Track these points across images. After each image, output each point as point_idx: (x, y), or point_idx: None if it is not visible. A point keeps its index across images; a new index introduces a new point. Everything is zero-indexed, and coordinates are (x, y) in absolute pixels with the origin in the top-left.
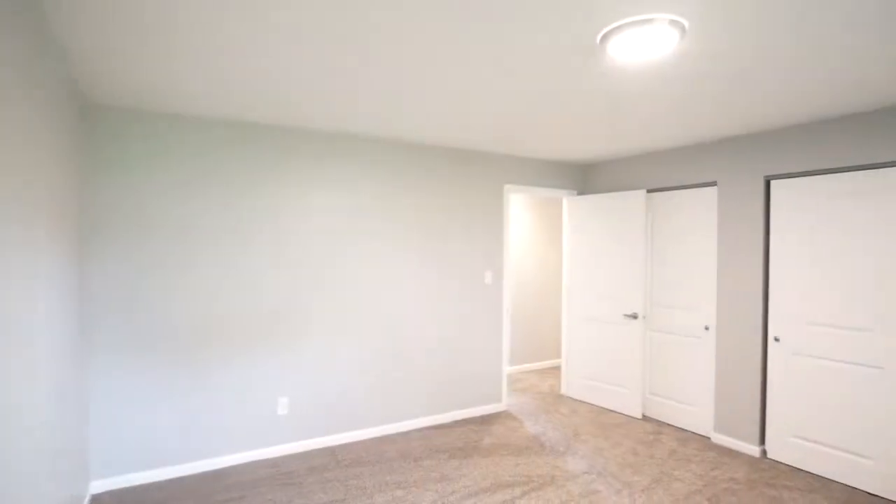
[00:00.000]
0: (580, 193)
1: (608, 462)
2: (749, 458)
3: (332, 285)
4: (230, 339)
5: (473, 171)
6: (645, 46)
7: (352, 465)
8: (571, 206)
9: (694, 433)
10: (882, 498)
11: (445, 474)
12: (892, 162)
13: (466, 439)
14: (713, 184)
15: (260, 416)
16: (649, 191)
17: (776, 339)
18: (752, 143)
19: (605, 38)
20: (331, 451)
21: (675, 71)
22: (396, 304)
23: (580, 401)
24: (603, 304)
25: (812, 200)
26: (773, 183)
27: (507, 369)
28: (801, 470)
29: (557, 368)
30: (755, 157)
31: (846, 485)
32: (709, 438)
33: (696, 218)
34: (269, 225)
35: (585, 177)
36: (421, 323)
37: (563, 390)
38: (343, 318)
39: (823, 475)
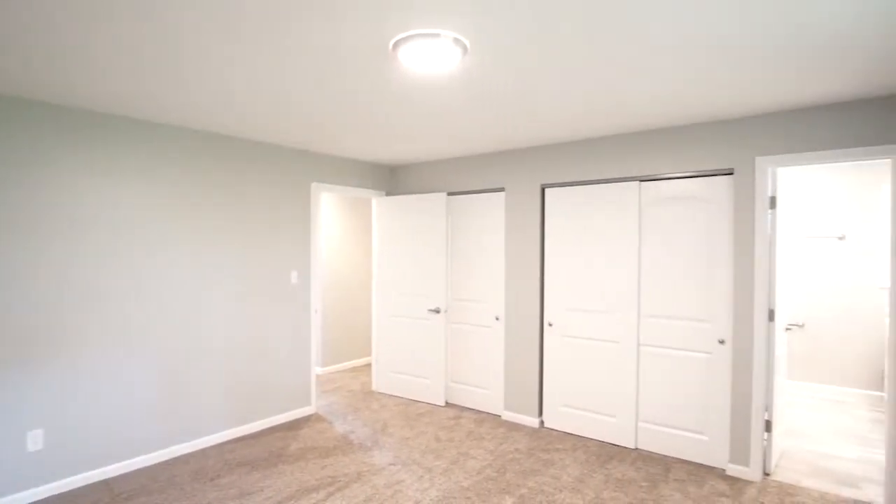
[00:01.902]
0: (388, 194)
1: (413, 451)
2: (531, 430)
3: (111, 289)
4: None
5: (280, 166)
6: (432, 59)
7: (132, 496)
8: (380, 206)
9: (489, 413)
10: (623, 447)
11: (245, 489)
12: (624, 178)
13: (272, 448)
14: (502, 189)
15: (1, 457)
16: (450, 193)
17: (550, 325)
18: (532, 156)
19: (396, 45)
20: (106, 485)
21: (462, 85)
22: (189, 308)
23: (390, 395)
24: (409, 301)
25: (572, 207)
26: (547, 191)
27: (319, 370)
28: (569, 433)
29: (370, 366)
30: (534, 168)
31: (600, 440)
32: (500, 416)
33: (488, 220)
34: (22, 220)
35: (394, 178)
36: (218, 328)
37: (375, 386)
38: (123, 328)
39: (584, 435)
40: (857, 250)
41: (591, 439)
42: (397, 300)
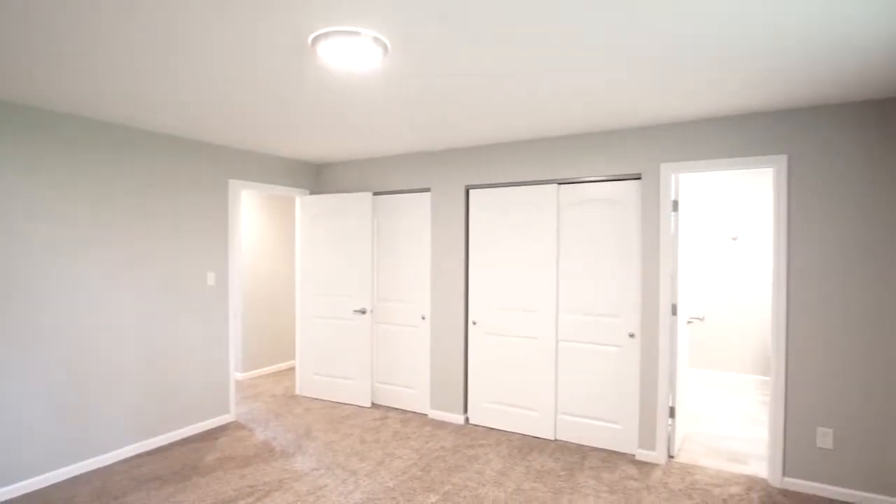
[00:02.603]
0: (313, 193)
1: (337, 455)
2: (456, 427)
3: None
4: None
5: (195, 162)
6: (352, 57)
7: None
8: (304, 205)
9: (415, 412)
10: (543, 439)
11: None
12: (544, 180)
13: (185, 460)
14: (427, 190)
15: None
16: (376, 193)
17: (474, 323)
18: (457, 157)
19: (315, 41)
20: None
21: (383, 85)
22: (91, 314)
23: (315, 398)
24: (334, 301)
25: (495, 208)
26: (471, 192)
27: (239, 376)
28: (494, 429)
29: (294, 369)
30: (459, 169)
31: (523, 434)
32: (427, 415)
33: (414, 220)
34: None
35: (318, 176)
36: (125, 335)
37: (298, 390)
38: (8, 336)
39: (507, 429)
40: (749, 250)
41: (514, 433)
42: (322, 301)
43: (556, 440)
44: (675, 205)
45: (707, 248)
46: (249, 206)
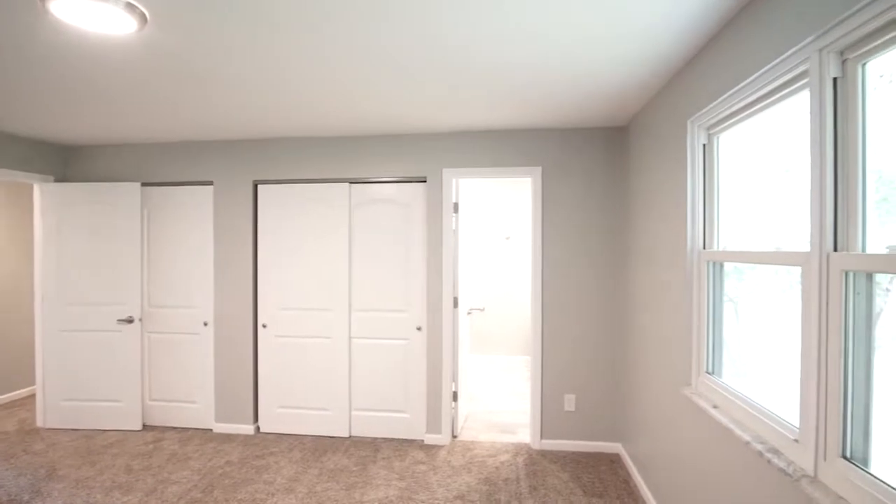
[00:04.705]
0: (60, 180)
1: (93, 492)
2: (245, 438)
3: None
4: None
5: None
6: (97, 21)
7: None
8: (47, 195)
9: (198, 429)
10: (338, 437)
11: None
12: (336, 179)
13: None
14: (210, 183)
15: None
16: (146, 184)
17: (264, 326)
18: (243, 149)
19: None
20: None
21: (142, 60)
22: None
23: (65, 429)
24: (92, 310)
25: (286, 205)
26: (260, 187)
27: None
28: (287, 434)
29: (35, 397)
30: (246, 162)
31: (317, 435)
32: (211, 430)
33: (194, 216)
34: None
35: (68, 161)
36: None
37: (42, 422)
38: None
39: (301, 433)
40: (520, 248)
41: (308, 436)
42: (74, 311)
43: (350, 437)
44: (456, 207)
45: (485, 246)
46: None
